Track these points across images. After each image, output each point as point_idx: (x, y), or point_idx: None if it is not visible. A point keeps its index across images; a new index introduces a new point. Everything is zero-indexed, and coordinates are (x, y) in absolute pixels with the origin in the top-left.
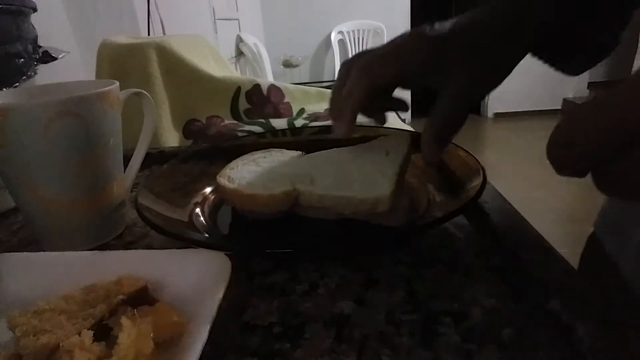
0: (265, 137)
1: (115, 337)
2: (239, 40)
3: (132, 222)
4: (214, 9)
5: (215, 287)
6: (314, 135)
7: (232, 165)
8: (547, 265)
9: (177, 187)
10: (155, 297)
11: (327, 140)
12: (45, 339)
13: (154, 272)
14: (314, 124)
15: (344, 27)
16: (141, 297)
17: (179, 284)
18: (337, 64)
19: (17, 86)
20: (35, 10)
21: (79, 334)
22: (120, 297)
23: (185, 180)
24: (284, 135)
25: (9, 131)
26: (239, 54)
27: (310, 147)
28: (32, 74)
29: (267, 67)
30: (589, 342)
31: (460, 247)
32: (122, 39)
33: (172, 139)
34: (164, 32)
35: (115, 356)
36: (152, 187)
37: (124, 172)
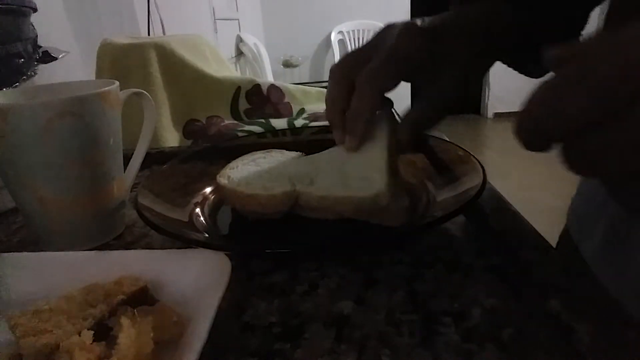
0: (265, 137)
1: (115, 337)
2: (239, 40)
3: (132, 222)
4: (214, 9)
5: (215, 287)
6: (314, 135)
7: (232, 165)
8: (547, 265)
9: (177, 187)
10: (155, 297)
11: (327, 140)
12: (45, 339)
13: (154, 272)
14: (314, 124)
15: (344, 27)
16: (141, 297)
17: (179, 284)
18: None
19: (17, 86)
20: (35, 10)
21: (79, 334)
22: (120, 297)
23: (185, 180)
24: (284, 135)
25: (9, 131)
26: (239, 54)
27: (310, 147)
28: (32, 74)
29: (267, 67)
30: (589, 342)
31: (460, 247)
32: (122, 39)
33: (172, 139)
34: (164, 32)
35: (115, 356)
36: (152, 187)
37: (124, 172)
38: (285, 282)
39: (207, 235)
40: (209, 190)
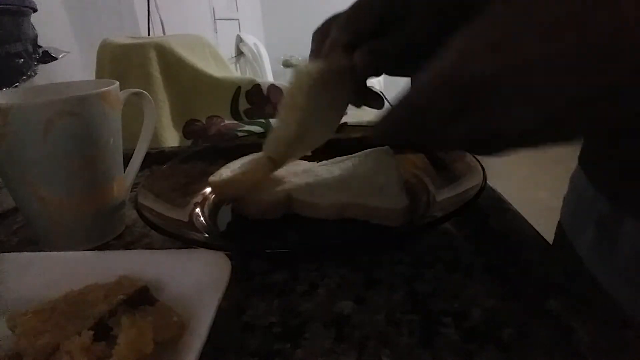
0: (265, 137)
1: (115, 337)
2: (239, 40)
3: (132, 222)
4: (214, 9)
5: (215, 287)
6: None
7: (229, 164)
8: (547, 265)
9: (177, 187)
10: (155, 297)
11: (327, 140)
12: (45, 339)
13: (154, 272)
14: None
15: None
16: (141, 297)
17: (179, 284)
18: None
19: (17, 86)
20: (35, 10)
21: (79, 334)
22: (120, 297)
23: (185, 180)
24: None
25: (9, 131)
26: (239, 54)
27: None
28: (32, 74)
29: (267, 67)
30: (589, 342)
31: (460, 247)
32: (122, 39)
33: (172, 139)
34: (164, 32)
35: (115, 356)
36: (152, 187)
37: (124, 172)
38: (285, 282)
39: (207, 235)
40: (209, 190)
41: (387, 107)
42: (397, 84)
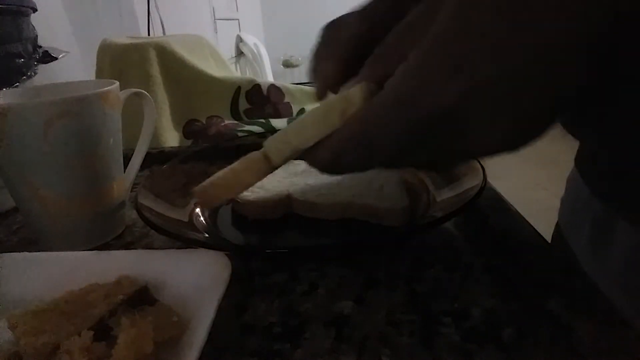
0: (265, 137)
1: (115, 337)
2: (239, 40)
3: (132, 222)
4: (214, 9)
5: (215, 287)
6: None
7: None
8: (547, 265)
9: (177, 187)
10: (155, 297)
11: None
12: (45, 339)
13: (154, 272)
14: None
15: None
16: (141, 297)
17: (179, 284)
18: None
19: (17, 86)
20: (35, 10)
21: (79, 334)
22: (120, 297)
23: (185, 180)
24: None
25: (9, 131)
26: (239, 54)
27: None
28: (32, 74)
29: (267, 67)
30: (589, 342)
31: (460, 247)
32: (122, 39)
33: (172, 139)
34: (164, 32)
35: (115, 356)
36: (152, 187)
37: (124, 172)
38: (285, 282)
39: (207, 235)
40: None
41: (330, 134)
42: None
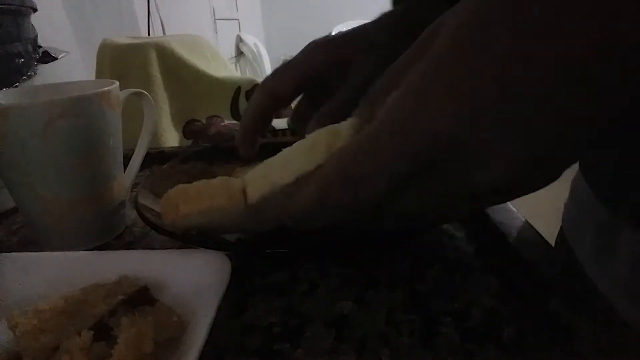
0: (265, 137)
1: (115, 337)
2: (239, 40)
3: (132, 222)
4: (214, 9)
5: (215, 287)
6: None
7: None
8: (547, 265)
9: None
10: (155, 297)
11: None
12: (45, 339)
13: (154, 272)
14: None
15: (344, 27)
16: (141, 297)
17: (179, 284)
18: None
19: (17, 86)
20: (35, 10)
21: (79, 334)
22: (120, 297)
23: (185, 180)
24: (284, 135)
25: (9, 131)
26: (239, 54)
27: None
28: (32, 74)
29: (267, 67)
30: (589, 342)
31: (460, 247)
32: (122, 39)
33: (172, 139)
34: (164, 32)
35: (115, 356)
36: (152, 187)
37: (124, 172)
38: (285, 282)
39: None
40: None
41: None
42: None
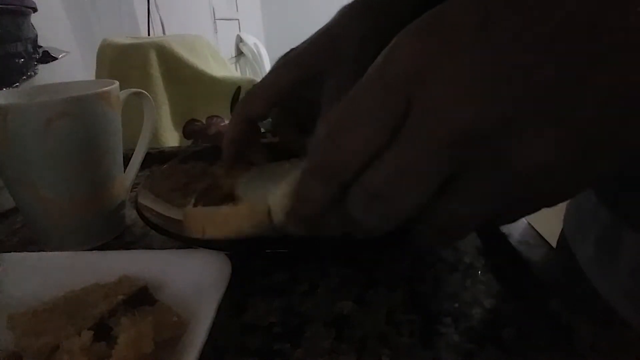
0: (265, 137)
1: (115, 337)
2: (239, 40)
3: (132, 222)
4: (214, 9)
5: (215, 287)
6: None
7: None
8: (547, 265)
9: (177, 187)
10: (155, 297)
11: None
12: (45, 339)
13: (154, 272)
14: None
15: None
16: (141, 297)
17: (179, 284)
18: None
19: (17, 86)
20: (35, 10)
21: (79, 334)
22: (120, 297)
23: (185, 180)
24: None
25: (9, 131)
26: (239, 54)
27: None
28: (32, 74)
29: (267, 67)
30: (589, 342)
31: (460, 247)
32: (122, 39)
33: (172, 139)
34: (164, 32)
35: (115, 356)
36: (152, 187)
37: (124, 172)
38: (285, 282)
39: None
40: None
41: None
42: None
